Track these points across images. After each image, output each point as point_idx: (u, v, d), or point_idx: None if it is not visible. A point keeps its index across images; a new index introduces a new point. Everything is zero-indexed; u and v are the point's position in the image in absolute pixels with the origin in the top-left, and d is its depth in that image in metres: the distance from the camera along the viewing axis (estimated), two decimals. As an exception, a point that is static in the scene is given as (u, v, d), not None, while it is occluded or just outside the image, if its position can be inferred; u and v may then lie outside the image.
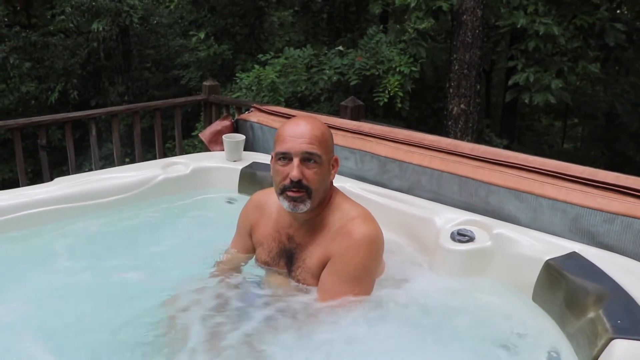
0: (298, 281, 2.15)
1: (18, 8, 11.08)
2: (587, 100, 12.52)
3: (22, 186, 3.71)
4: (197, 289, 2.18)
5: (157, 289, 2.23)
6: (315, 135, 2.03)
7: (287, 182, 2.03)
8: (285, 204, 2.07)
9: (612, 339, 1.69)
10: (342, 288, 2.03)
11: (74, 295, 2.28)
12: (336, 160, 2.17)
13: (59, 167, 7.01)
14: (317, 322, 1.99)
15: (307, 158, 2.02)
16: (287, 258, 2.20)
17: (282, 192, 2.06)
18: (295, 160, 2.01)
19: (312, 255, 2.12)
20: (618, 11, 7.96)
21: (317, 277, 2.10)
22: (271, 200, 2.24)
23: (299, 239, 2.17)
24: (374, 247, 2.09)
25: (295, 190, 2.02)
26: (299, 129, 2.04)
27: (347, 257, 2.04)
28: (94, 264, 2.51)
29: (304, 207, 2.05)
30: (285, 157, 2.04)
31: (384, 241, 2.16)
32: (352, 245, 2.04)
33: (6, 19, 10.05)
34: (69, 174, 3.34)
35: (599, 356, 1.69)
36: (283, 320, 2.01)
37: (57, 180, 3.05)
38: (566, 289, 2.02)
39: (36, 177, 5.27)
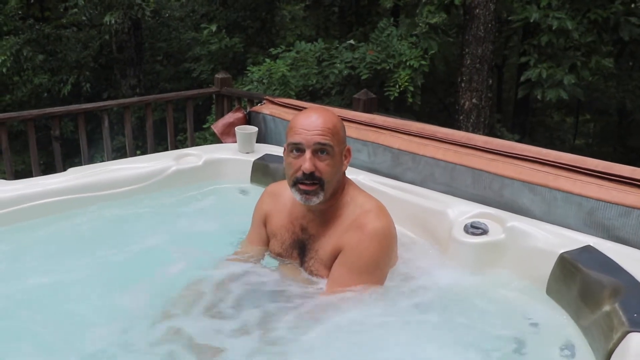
0: (310, 272, 2.15)
1: (31, 1, 11.12)
2: (600, 96, 12.43)
3: (36, 177, 3.73)
4: (209, 280, 2.19)
5: (169, 279, 2.25)
6: (327, 127, 2.03)
7: (299, 174, 2.03)
8: (298, 197, 2.08)
9: (628, 332, 1.68)
10: (352, 280, 2.03)
11: (86, 283, 2.29)
12: (349, 151, 2.17)
13: (70, 159, 7.05)
14: (330, 312, 1.98)
15: (319, 149, 2.02)
16: (299, 249, 2.21)
17: (294, 184, 2.06)
18: (308, 152, 2.01)
19: (324, 247, 2.12)
20: (633, 5, 7.86)
21: (329, 268, 2.10)
22: (285, 191, 2.24)
23: (312, 230, 2.17)
24: (385, 241, 2.09)
25: (309, 183, 2.02)
26: (311, 121, 2.04)
27: (359, 250, 2.04)
28: (107, 252, 2.52)
29: (317, 200, 2.06)
30: (297, 149, 2.04)
31: (397, 233, 2.16)
32: (364, 239, 2.04)
33: (20, 12, 10.10)
34: (81, 166, 3.34)
35: (614, 349, 1.68)
36: (295, 310, 2.01)
37: (70, 170, 3.07)
38: (581, 282, 2.01)
39: (49, 169, 5.30)
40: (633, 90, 11.80)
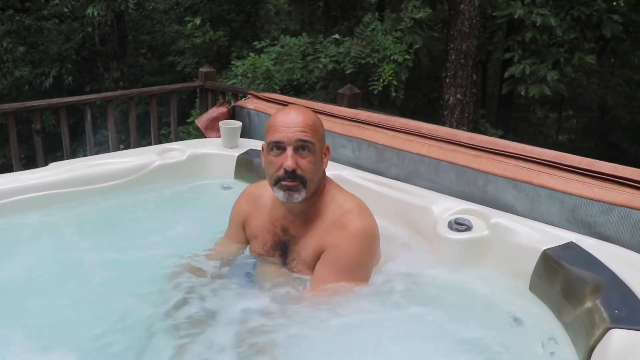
0: (293, 272, 2.14)
1: (11, -9, 10.96)
2: (582, 92, 12.54)
3: (16, 171, 3.68)
4: (189, 276, 2.18)
5: (151, 275, 2.22)
6: (308, 124, 2.02)
7: (281, 172, 2.01)
8: (280, 194, 2.05)
9: (609, 328, 1.69)
10: (335, 279, 2.01)
11: (66, 280, 2.28)
12: (328, 149, 2.15)
13: (52, 153, 6.96)
14: (312, 311, 1.98)
15: (301, 146, 2.00)
16: (281, 250, 2.19)
17: (276, 182, 2.04)
18: (289, 150, 1.99)
19: (306, 248, 2.11)
20: (615, 3, 7.95)
21: (312, 268, 2.09)
22: (265, 192, 2.22)
23: (294, 231, 2.16)
24: (368, 240, 2.08)
25: (290, 180, 2.01)
26: (291, 118, 2.02)
27: (341, 250, 2.03)
28: (88, 249, 2.50)
29: (299, 197, 2.03)
30: (278, 147, 2.01)
31: (380, 229, 2.15)
32: (346, 238, 2.03)
33: (-1, 3, 9.96)
34: (63, 160, 3.31)
35: (596, 345, 1.69)
36: (278, 307, 2.00)
37: (52, 165, 3.03)
38: (563, 278, 2.02)
39: (30, 163, 5.22)
40: (614, 87, 11.93)
